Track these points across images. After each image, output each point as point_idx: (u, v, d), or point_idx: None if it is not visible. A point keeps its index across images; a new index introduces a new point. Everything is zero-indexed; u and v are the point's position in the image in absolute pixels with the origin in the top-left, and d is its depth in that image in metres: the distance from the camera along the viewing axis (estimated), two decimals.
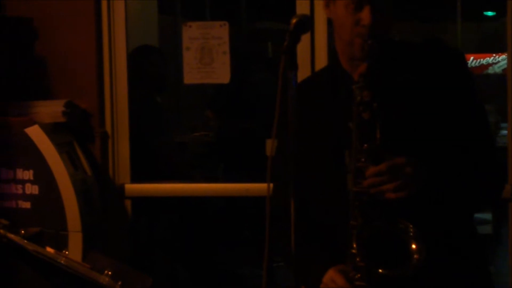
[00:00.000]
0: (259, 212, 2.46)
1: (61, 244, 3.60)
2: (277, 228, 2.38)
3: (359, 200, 2.19)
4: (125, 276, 2.14)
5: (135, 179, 4.10)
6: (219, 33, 4.10)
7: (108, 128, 4.06)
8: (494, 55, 11.89)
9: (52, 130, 3.77)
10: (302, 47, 3.89)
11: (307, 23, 2.21)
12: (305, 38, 3.83)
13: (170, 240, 5.15)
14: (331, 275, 2.27)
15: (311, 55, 3.96)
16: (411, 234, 2.14)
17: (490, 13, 12.59)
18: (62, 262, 2.11)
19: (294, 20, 2.17)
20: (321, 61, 3.95)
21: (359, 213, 2.19)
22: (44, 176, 3.67)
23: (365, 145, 2.19)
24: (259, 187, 3.89)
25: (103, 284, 2.09)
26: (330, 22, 3.91)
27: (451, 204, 2.28)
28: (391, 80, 2.34)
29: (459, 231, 2.36)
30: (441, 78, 2.34)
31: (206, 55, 4.10)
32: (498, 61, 11.91)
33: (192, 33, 4.11)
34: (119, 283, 2.11)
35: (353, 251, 2.18)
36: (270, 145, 2.33)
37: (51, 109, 3.83)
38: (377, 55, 2.26)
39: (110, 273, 2.13)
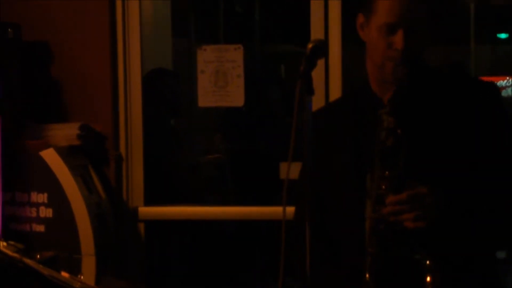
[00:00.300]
0: (273, 235, 2.46)
1: (74, 267, 3.59)
2: (295, 251, 2.37)
3: (377, 227, 2.18)
4: None
5: (148, 202, 4.10)
6: (233, 56, 4.12)
7: (122, 150, 4.07)
8: (508, 77, 11.88)
9: (67, 153, 3.77)
10: (316, 72, 3.88)
11: (323, 48, 2.24)
12: (320, 62, 3.84)
13: (184, 263, 5.13)
14: None
15: (325, 79, 3.96)
16: (427, 266, 2.13)
17: (503, 35, 12.59)
18: (77, 287, 2.11)
19: (310, 45, 2.19)
20: (336, 86, 3.95)
21: (376, 240, 2.18)
22: (58, 199, 3.67)
23: (387, 172, 2.17)
24: (273, 211, 3.88)
25: None
26: (344, 47, 3.97)
27: (471, 238, 2.24)
28: (420, 107, 2.32)
29: (477, 264, 2.32)
30: (472, 110, 2.31)
31: (221, 78, 4.11)
32: None
33: (207, 56, 4.13)
34: None
35: (368, 279, 2.17)
36: (285, 168, 2.34)
37: (66, 132, 3.83)
38: (406, 82, 2.24)
39: None
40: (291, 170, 2.22)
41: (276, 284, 2.21)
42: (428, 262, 2.12)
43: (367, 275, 2.16)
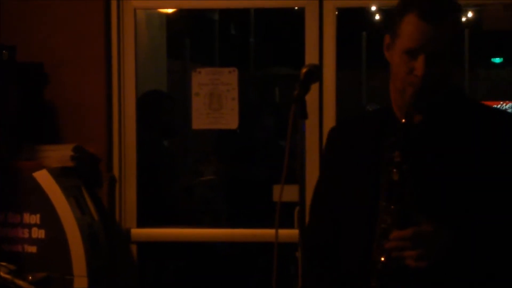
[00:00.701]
0: (267, 257, 2.46)
1: None
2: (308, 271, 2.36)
3: (379, 262, 2.13)
4: None
5: (141, 223, 4.10)
6: (228, 79, 4.13)
7: (116, 172, 4.07)
8: (501, 102, 11.91)
9: (60, 174, 3.77)
10: (310, 96, 3.89)
11: (317, 73, 2.25)
12: (314, 86, 3.85)
13: (177, 285, 5.11)
14: None
15: (319, 103, 3.97)
16: None
17: (497, 60, 12.64)
18: None
19: (304, 70, 2.20)
20: (329, 110, 3.97)
21: (377, 275, 2.13)
22: (51, 220, 3.66)
23: (393, 206, 2.12)
24: (266, 233, 3.88)
25: None
26: (339, 70, 3.99)
27: (475, 280, 2.16)
28: (433, 138, 2.25)
29: None
30: (490, 145, 2.23)
31: (215, 100, 4.12)
32: (506, 109, 11.92)
33: (202, 79, 4.14)
34: None
35: None
36: (278, 191, 2.34)
37: (60, 153, 3.84)
38: (418, 110, 2.19)
39: None
40: (284, 193, 2.23)
41: None
42: None
43: None
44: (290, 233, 3.00)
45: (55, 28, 4.05)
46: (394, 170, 2.12)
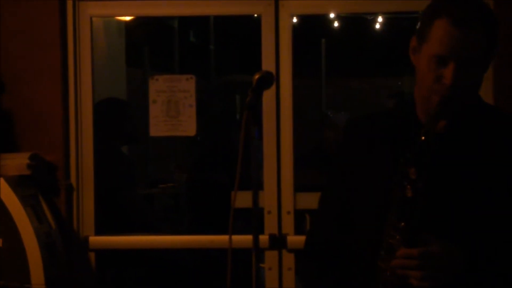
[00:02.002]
0: (226, 263, 2.46)
1: None
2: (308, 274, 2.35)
3: (383, 277, 2.08)
4: None
5: (99, 231, 4.09)
6: (185, 86, 4.14)
7: (73, 180, 4.06)
8: None
9: (17, 183, 3.76)
10: (268, 102, 3.93)
11: (269, 80, 2.23)
12: (271, 93, 3.89)
13: None
14: None
15: (277, 109, 3.99)
16: None
17: None
18: None
19: (256, 76, 2.19)
20: (286, 117, 3.99)
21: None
22: (8, 229, 3.65)
23: (402, 223, 2.05)
24: (223, 239, 3.89)
25: None
26: (298, 77, 4.02)
27: None
28: (450, 154, 2.15)
29: None
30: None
31: (173, 108, 4.12)
32: None
33: (159, 86, 4.14)
34: None
35: None
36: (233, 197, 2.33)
37: (16, 162, 3.82)
38: (443, 121, 2.08)
39: None
40: (239, 199, 2.24)
41: None
42: None
43: None
44: (248, 239, 3.02)
45: (11, 37, 4.03)
46: (408, 186, 2.03)
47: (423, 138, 2.04)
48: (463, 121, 2.16)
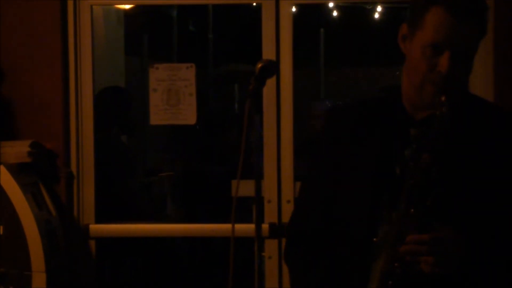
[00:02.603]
0: (227, 252, 2.46)
1: (25, 284, 3.57)
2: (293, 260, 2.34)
3: (391, 266, 2.04)
4: None
5: (99, 219, 4.10)
6: (185, 75, 4.14)
7: (73, 168, 4.06)
8: None
9: (17, 170, 3.76)
10: (268, 91, 3.94)
11: (272, 68, 2.21)
12: (271, 82, 3.89)
13: (135, 281, 5.12)
14: None
15: (277, 98, 4.00)
16: None
17: None
18: None
19: (259, 65, 2.18)
20: (287, 105, 4.00)
21: (389, 280, 2.04)
22: (9, 216, 3.65)
23: (412, 210, 2.02)
24: (225, 228, 3.91)
25: None
26: (297, 67, 4.02)
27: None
28: (459, 142, 2.13)
29: None
30: (508, 147, 2.12)
31: (173, 96, 4.12)
32: None
33: (159, 75, 4.15)
34: None
35: None
36: (235, 186, 2.34)
37: (17, 150, 3.82)
38: (447, 113, 2.05)
39: None
40: (241, 188, 2.24)
41: None
42: None
43: None
44: (248, 228, 3.02)
45: (11, 25, 4.03)
46: (419, 172, 2.01)
47: (437, 121, 2.03)
48: (460, 110, 2.14)
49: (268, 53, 3.99)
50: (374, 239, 2.07)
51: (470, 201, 2.10)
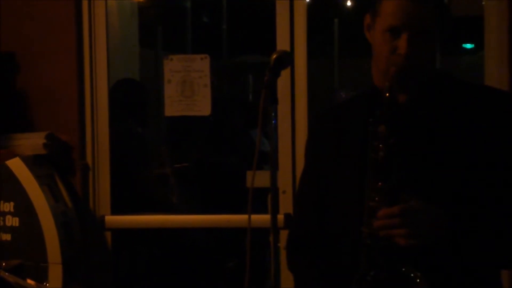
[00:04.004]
0: (243, 243, 2.47)
1: (41, 276, 3.58)
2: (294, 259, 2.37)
3: (366, 242, 2.06)
4: None
5: (115, 211, 4.11)
6: (200, 66, 4.14)
7: (89, 160, 4.08)
8: None
9: (33, 162, 3.77)
10: (282, 82, 3.94)
11: (287, 59, 2.23)
12: (285, 73, 3.88)
13: (151, 272, 5.14)
14: None
15: (291, 90, 4.00)
16: (418, 284, 2.00)
17: (469, 46, 12.71)
18: None
19: (274, 56, 2.20)
20: (301, 96, 4.00)
21: (366, 255, 2.07)
22: (25, 208, 3.66)
23: (380, 183, 2.05)
24: (240, 219, 3.91)
25: None
26: (311, 57, 4.02)
27: (471, 258, 2.11)
28: (420, 116, 2.19)
29: (479, 282, 2.18)
30: (480, 121, 2.17)
31: (187, 87, 4.13)
32: None
33: (173, 66, 4.15)
34: None
35: None
36: (251, 177, 2.34)
37: (32, 142, 3.84)
38: (401, 88, 2.14)
39: None
40: (256, 179, 2.25)
41: None
42: (419, 280, 2.00)
43: None
44: (264, 219, 3.04)
45: (26, 17, 4.04)
46: (380, 145, 2.05)
47: (387, 94, 2.09)
48: (425, 89, 2.21)
49: (282, 44, 3.98)
50: (363, 228, 2.08)
51: (441, 172, 2.13)
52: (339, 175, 2.27)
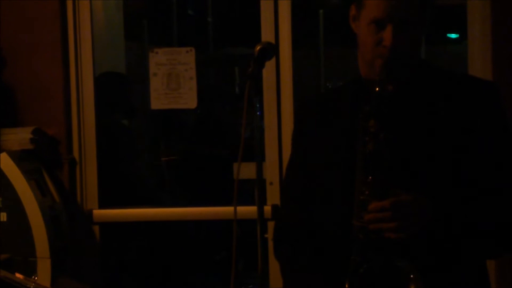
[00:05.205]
0: (230, 235, 2.47)
1: (30, 270, 3.60)
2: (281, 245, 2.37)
3: (358, 234, 2.07)
4: None
5: (103, 204, 4.12)
6: (185, 59, 4.14)
7: (76, 154, 4.08)
8: None
9: (20, 157, 3.78)
10: (268, 73, 3.95)
11: (271, 50, 2.23)
12: (271, 64, 3.90)
13: (140, 265, 5.15)
14: None
15: (277, 81, 4.01)
16: (411, 275, 2.01)
17: (453, 36, 12.74)
18: (31, 287, 2.13)
19: (258, 47, 2.20)
20: (287, 87, 4.01)
21: (357, 248, 2.08)
22: (12, 203, 3.67)
23: (370, 177, 2.06)
24: (227, 210, 3.92)
25: None
26: (295, 48, 4.03)
27: (459, 248, 2.13)
28: (407, 108, 2.21)
29: (467, 273, 2.21)
30: (467, 112, 2.19)
31: (173, 80, 4.13)
32: None
33: (159, 59, 4.15)
34: None
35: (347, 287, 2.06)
36: (237, 169, 2.34)
37: (19, 136, 3.84)
38: (390, 80, 2.14)
39: None
40: (243, 170, 2.26)
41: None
42: (412, 272, 2.01)
43: (347, 284, 2.05)
44: (251, 210, 3.05)
45: (11, 12, 4.04)
46: (370, 140, 2.06)
47: (377, 89, 2.10)
48: (411, 80, 2.21)
49: (267, 35, 3.99)
50: (354, 221, 2.10)
51: (430, 162, 2.15)
52: (327, 166, 2.27)
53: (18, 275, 2.18)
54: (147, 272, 5.16)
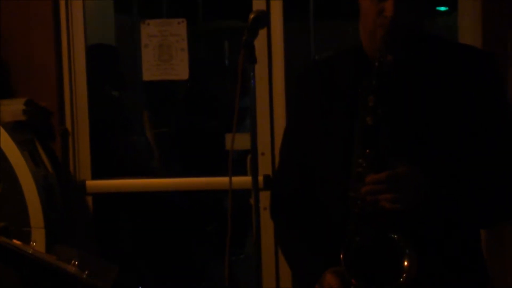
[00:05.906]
0: (223, 206, 2.50)
1: (24, 240, 3.60)
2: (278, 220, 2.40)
3: (354, 206, 2.10)
4: (91, 265, 2.17)
5: (96, 175, 4.14)
6: (177, 30, 4.15)
7: (68, 125, 4.09)
8: None
9: (13, 128, 3.79)
10: (260, 43, 3.95)
11: (264, 19, 2.27)
12: (262, 34, 3.90)
13: (133, 235, 5.17)
14: (327, 278, 2.17)
15: (268, 49, 4.02)
16: (405, 249, 2.05)
17: (443, 8, 12.72)
18: (30, 252, 2.15)
19: (252, 16, 2.23)
20: (278, 56, 4.02)
21: (353, 219, 2.11)
22: (6, 174, 3.68)
23: (368, 150, 2.09)
24: (220, 181, 3.95)
25: (70, 273, 2.12)
26: (286, 18, 4.03)
27: (456, 220, 2.16)
28: (407, 80, 2.21)
29: (462, 247, 2.24)
30: (464, 83, 2.20)
31: (165, 52, 4.14)
32: None
33: (150, 31, 4.15)
34: (86, 272, 2.14)
35: (342, 258, 2.09)
36: (230, 139, 2.36)
37: (12, 108, 3.85)
38: (390, 51, 2.14)
39: (77, 262, 2.17)
40: (236, 141, 2.28)
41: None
42: (406, 245, 2.04)
43: (342, 255, 2.09)
44: (243, 180, 3.08)
45: None
46: (368, 114, 2.08)
47: (377, 64, 2.11)
48: (412, 52, 2.21)
49: (258, 5, 3.99)
50: (351, 193, 2.12)
51: (429, 135, 2.16)
52: (326, 138, 2.29)
53: (15, 241, 2.20)
54: (140, 242, 5.19)
